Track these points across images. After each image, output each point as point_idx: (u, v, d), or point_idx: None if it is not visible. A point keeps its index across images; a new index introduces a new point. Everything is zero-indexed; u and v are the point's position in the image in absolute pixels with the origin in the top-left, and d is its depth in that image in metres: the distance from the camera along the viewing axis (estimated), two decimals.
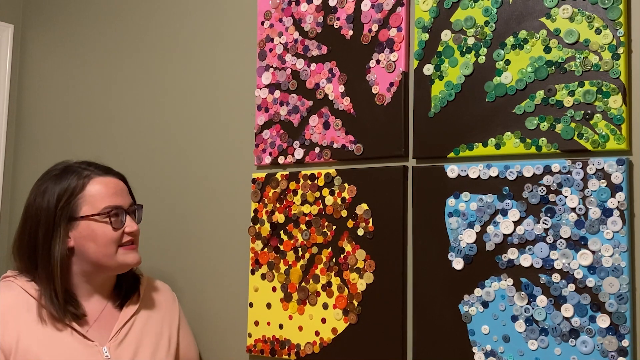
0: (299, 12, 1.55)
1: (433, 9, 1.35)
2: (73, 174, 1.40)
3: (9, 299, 1.36)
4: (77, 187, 1.39)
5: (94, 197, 1.39)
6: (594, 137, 1.16)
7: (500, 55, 1.26)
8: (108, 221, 1.38)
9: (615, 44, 1.15)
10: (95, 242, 1.38)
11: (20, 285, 1.38)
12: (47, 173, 1.45)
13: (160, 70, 1.88)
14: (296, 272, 1.49)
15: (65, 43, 2.19)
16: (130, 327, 1.44)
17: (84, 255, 1.39)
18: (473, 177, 1.28)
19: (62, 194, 1.38)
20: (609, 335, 1.12)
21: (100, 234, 1.38)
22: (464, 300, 1.27)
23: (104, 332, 1.41)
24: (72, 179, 1.39)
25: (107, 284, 1.46)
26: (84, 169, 1.42)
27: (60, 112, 2.18)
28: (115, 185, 1.43)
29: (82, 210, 1.38)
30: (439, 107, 1.33)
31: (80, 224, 1.38)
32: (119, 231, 1.40)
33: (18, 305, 1.35)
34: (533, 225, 1.20)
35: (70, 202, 1.38)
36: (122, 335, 1.42)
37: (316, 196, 1.48)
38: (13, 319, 1.33)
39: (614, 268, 1.12)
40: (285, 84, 1.56)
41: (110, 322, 1.43)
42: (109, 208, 1.39)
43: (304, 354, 1.46)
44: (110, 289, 1.48)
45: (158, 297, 1.55)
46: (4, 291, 1.37)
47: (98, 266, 1.40)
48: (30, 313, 1.35)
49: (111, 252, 1.39)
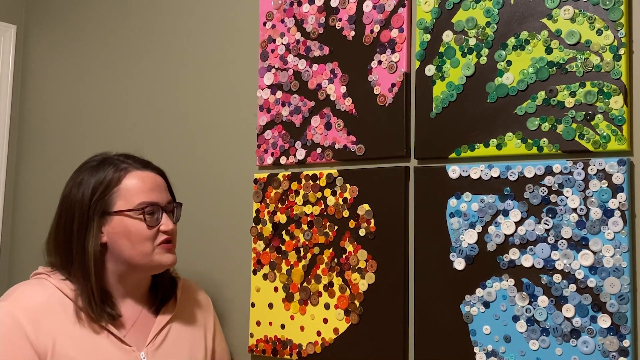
0: (300, 13, 1.56)
1: (434, 10, 1.36)
2: (110, 166, 1.33)
3: (42, 298, 1.26)
4: (112, 180, 1.31)
5: (130, 191, 1.31)
6: (595, 138, 1.16)
7: (502, 56, 1.27)
8: (142, 218, 1.30)
9: (617, 45, 1.15)
10: (129, 240, 1.30)
11: (55, 283, 1.29)
12: (85, 164, 1.38)
13: (162, 71, 1.88)
14: (298, 272, 1.50)
15: (67, 44, 2.19)
16: (168, 332, 1.37)
17: (117, 252, 1.31)
18: (474, 178, 1.28)
19: (97, 187, 1.30)
20: (610, 336, 1.12)
21: (134, 231, 1.30)
22: (465, 300, 1.27)
23: (141, 337, 1.33)
24: (109, 171, 1.31)
25: (142, 285, 1.38)
26: (121, 162, 1.34)
27: (63, 113, 2.18)
28: (153, 181, 1.35)
29: (116, 205, 1.30)
30: (440, 107, 1.33)
31: (113, 219, 1.30)
32: (154, 229, 1.31)
33: (53, 305, 1.26)
34: (534, 225, 1.21)
35: (105, 195, 1.30)
36: (159, 341, 1.35)
37: (318, 196, 1.48)
38: (48, 321, 1.23)
39: (615, 268, 1.12)
40: (287, 84, 1.56)
41: (147, 326, 1.35)
42: (144, 204, 1.30)
43: (306, 354, 1.47)
44: (146, 291, 1.40)
45: (194, 301, 1.48)
46: (37, 289, 1.28)
47: (131, 265, 1.32)
48: (66, 314, 1.26)
49: (145, 251, 1.30)
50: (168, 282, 1.42)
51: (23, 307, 1.23)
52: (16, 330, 1.20)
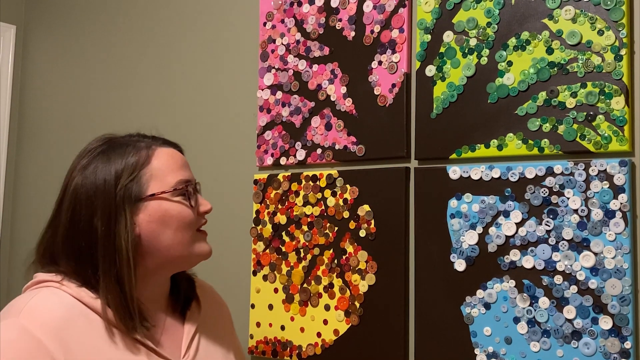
0: (301, 13, 1.55)
1: (435, 10, 1.35)
2: (128, 146, 1.11)
3: (61, 311, 1.00)
4: (139, 159, 1.09)
5: (162, 170, 1.10)
6: (596, 139, 1.15)
7: (503, 56, 1.26)
8: (184, 199, 1.10)
9: (618, 45, 1.14)
10: (168, 226, 1.08)
11: (72, 293, 1.04)
12: (88, 151, 1.13)
13: (162, 72, 1.88)
14: (298, 274, 1.49)
15: (67, 44, 2.19)
16: (199, 342, 1.18)
17: (153, 245, 1.09)
18: (475, 179, 1.27)
19: (121, 170, 1.08)
20: (611, 337, 1.12)
21: (176, 215, 1.09)
22: (466, 301, 1.27)
23: (174, 347, 1.13)
24: (130, 151, 1.10)
25: (166, 286, 1.18)
26: (137, 140, 1.13)
27: (62, 113, 2.18)
28: (181, 157, 1.16)
29: (150, 188, 1.08)
30: (441, 108, 1.33)
31: (148, 205, 1.08)
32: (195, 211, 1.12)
33: (75, 320, 1.02)
34: (535, 226, 1.20)
35: (135, 178, 1.08)
36: (193, 351, 1.15)
37: (318, 197, 1.48)
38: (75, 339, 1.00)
39: (617, 270, 1.12)
40: (287, 85, 1.56)
41: (176, 335, 1.16)
42: (183, 182, 1.10)
43: (306, 355, 1.46)
44: (167, 294, 1.19)
45: (212, 302, 1.30)
46: (53, 300, 1.02)
47: (167, 259, 1.10)
48: (93, 329, 1.03)
49: (187, 239, 1.10)
50: (185, 281, 1.24)
51: (41, 323, 0.98)
52: (38, 353, 0.96)
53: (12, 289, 2.29)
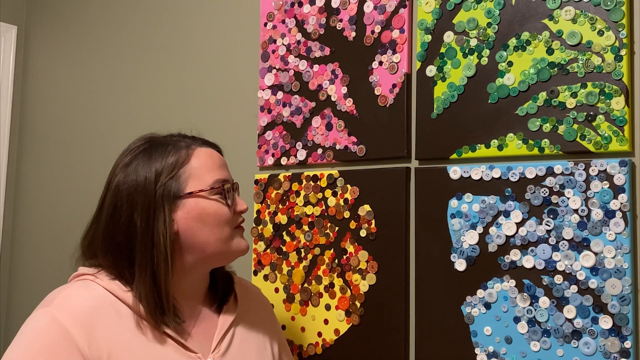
0: (301, 14, 1.56)
1: (435, 11, 1.35)
2: (168, 146, 1.15)
3: (91, 302, 1.06)
4: (179, 158, 1.13)
5: (201, 169, 1.14)
6: (596, 139, 1.16)
7: (503, 56, 1.27)
8: (221, 197, 1.14)
9: (618, 46, 1.15)
10: (206, 224, 1.12)
11: (104, 285, 1.09)
12: (130, 150, 1.18)
13: (163, 72, 1.88)
14: (299, 273, 1.49)
15: (68, 45, 2.20)
16: (232, 337, 1.20)
17: (190, 241, 1.12)
18: (475, 179, 1.28)
19: (161, 169, 1.12)
20: (611, 337, 1.12)
21: (213, 213, 1.12)
22: (466, 301, 1.27)
23: (204, 342, 1.15)
24: (170, 151, 1.14)
25: (204, 282, 1.21)
26: (178, 140, 1.18)
27: (63, 113, 2.18)
28: (219, 157, 1.19)
29: (188, 186, 1.12)
30: (441, 108, 1.33)
31: (186, 203, 1.12)
32: (230, 209, 1.15)
33: (105, 311, 1.07)
34: (535, 226, 1.20)
35: (174, 176, 1.12)
36: (224, 346, 1.17)
37: (319, 197, 1.48)
38: (101, 329, 1.04)
39: (617, 269, 1.12)
40: (288, 85, 1.56)
41: (209, 329, 1.18)
42: (220, 181, 1.14)
43: (307, 355, 1.47)
44: (206, 289, 1.22)
45: (253, 301, 1.31)
46: (83, 292, 1.08)
47: (205, 255, 1.14)
48: (121, 321, 1.07)
49: (224, 236, 1.14)
50: (224, 277, 1.26)
51: (69, 313, 1.04)
52: (64, 341, 1.01)
53: (12, 289, 2.29)
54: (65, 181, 2.15)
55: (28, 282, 2.25)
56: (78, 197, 2.09)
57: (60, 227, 2.15)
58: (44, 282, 2.17)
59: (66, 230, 2.12)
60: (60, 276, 2.13)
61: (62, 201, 2.15)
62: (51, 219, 2.19)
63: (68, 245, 2.12)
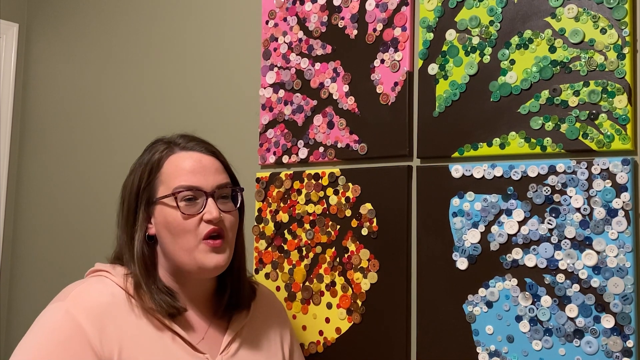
0: (303, 12, 1.55)
1: (438, 9, 1.35)
2: (156, 149, 1.17)
3: (105, 297, 1.08)
4: (154, 163, 1.14)
5: (169, 175, 1.13)
6: (599, 137, 1.15)
7: (505, 54, 1.26)
8: (187, 205, 1.10)
9: (621, 44, 1.14)
10: (170, 232, 1.11)
11: (117, 281, 1.11)
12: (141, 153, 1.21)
13: (164, 69, 1.88)
14: (300, 272, 1.49)
15: (69, 42, 2.19)
16: (242, 341, 1.20)
17: (163, 248, 1.14)
18: (477, 177, 1.27)
19: (144, 173, 1.14)
20: (613, 336, 1.12)
21: (172, 221, 1.11)
22: (468, 300, 1.27)
23: (213, 344, 1.16)
24: (154, 154, 1.15)
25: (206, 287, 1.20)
26: (169, 142, 1.18)
27: (65, 111, 2.18)
28: (197, 161, 1.14)
29: (158, 192, 1.13)
30: (443, 106, 1.33)
31: (156, 209, 1.13)
32: (193, 219, 1.10)
33: (118, 306, 1.09)
34: (537, 225, 1.20)
35: (151, 181, 1.13)
36: (233, 349, 1.17)
37: (320, 195, 1.48)
38: (114, 324, 1.06)
39: (619, 268, 1.12)
40: (289, 83, 1.56)
41: (218, 333, 1.18)
42: (180, 188, 1.11)
43: (308, 353, 1.46)
44: (211, 295, 1.21)
45: (266, 306, 1.31)
46: (98, 287, 1.10)
47: (178, 264, 1.13)
48: (134, 316, 1.09)
49: (187, 246, 1.11)
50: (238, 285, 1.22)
51: (83, 307, 1.05)
52: (77, 337, 1.02)
53: (12, 289, 2.29)
54: (66, 179, 2.15)
55: (28, 282, 2.25)
56: (79, 196, 2.09)
57: (61, 226, 2.15)
58: (44, 283, 2.17)
59: (67, 230, 2.12)
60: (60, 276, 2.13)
61: (63, 200, 2.15)
62: (52, 217, 2.19)
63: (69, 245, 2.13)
